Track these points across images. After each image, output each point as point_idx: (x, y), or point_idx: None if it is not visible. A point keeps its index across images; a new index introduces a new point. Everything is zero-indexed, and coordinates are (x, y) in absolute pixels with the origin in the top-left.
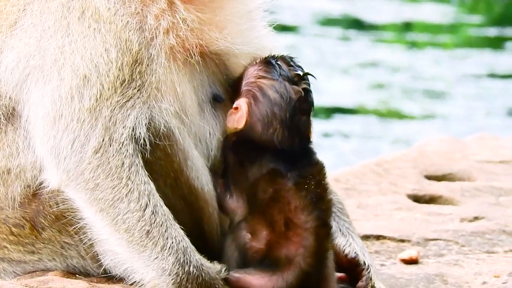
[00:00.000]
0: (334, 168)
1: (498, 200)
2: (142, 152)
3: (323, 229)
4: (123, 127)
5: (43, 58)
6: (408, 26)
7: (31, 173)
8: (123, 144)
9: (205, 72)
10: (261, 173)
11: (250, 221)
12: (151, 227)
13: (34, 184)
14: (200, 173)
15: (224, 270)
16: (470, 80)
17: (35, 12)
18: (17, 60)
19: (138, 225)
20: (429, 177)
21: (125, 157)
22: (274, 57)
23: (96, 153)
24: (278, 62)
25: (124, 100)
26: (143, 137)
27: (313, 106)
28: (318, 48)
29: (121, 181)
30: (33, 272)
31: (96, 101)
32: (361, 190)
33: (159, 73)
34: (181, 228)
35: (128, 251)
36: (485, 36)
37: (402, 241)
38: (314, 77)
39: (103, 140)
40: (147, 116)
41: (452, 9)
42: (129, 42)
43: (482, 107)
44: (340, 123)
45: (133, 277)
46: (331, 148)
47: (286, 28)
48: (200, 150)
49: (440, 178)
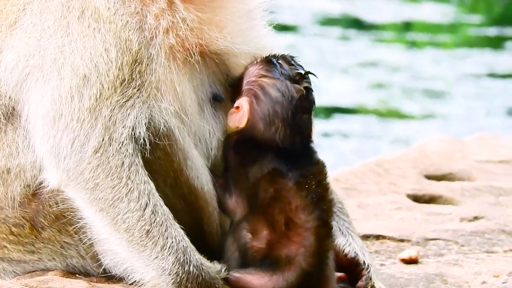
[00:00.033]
0: (334, 168)
1: (497, 200)
2: (142, 151)
3: (324, 229)
4: (123, 127)
5: (43, 57)
6: (408, 26)
7: (31, 173)
8: (123, 144)
9: (205, 71)
10: (262, 173)
11: (251, 220)
12: (151, 226)
13: (34, 183)
14: (200, 173)
15: (224, 270)
16: (470, 80)
17: (35, 12)
18: (17, 60)
19: (138, 224)
20: (429, 177)
21: (125, 157)
22: (275, 56)
23: (96, 152)
24: (279, 61)
25: (124, 100)
26: (143, 136)
27: (315, 105)
28: (318, 48)
29: (121, 180)
30: (33, 271)
31: (96, 100)
32: (361, 190)
33: (159, 72)
34: (181, 228)
35: (128, 250)
36: (485, 36)
37: (402, 240)
38: (315, 75)
39: (103, 140)
40: (147, 116)
41: (452, 9)
42: (129, 42)
43: (482, 107)
44: (340, 123)
45: (133, 277)
46: (331, 148)
47: (286, 27)
48: (200, 150)
49: (440, 178)
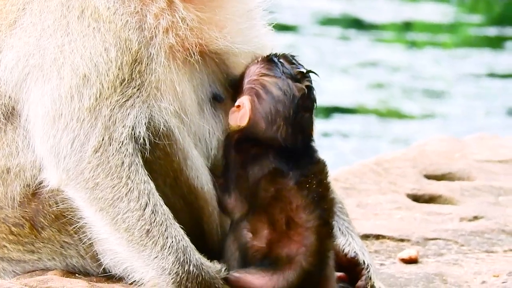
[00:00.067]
0: (334, 168)
1: (497, 199)
2: (141, 151)
3: (325, 228)
4: (123, 126)
5: (42, 57)
6: (407, 26)
7: (31, 173)
8: (122, 143)
9: (205, 71)
10: (263, 172)
11: (251, 220)
12: (151, 226)
13: (33, 183)
14: (200, 173)
15: (224, 270)
16: (469, 80)
17: (35, 11)
18: (16, 59)
19: (138, 224)
20: (429, 177)
21: (125, 156)
22: (276, 55)
23: (96, 152)
24: (281, 60)
25: (124, 99)
26: (143, 136)
27: (316, 103)
28: (318, 48)
29: (120, 180)
30: (33, 271)
31: (96, 100)
32: (360, 190)
33: (158, 72)
34: (181, 228)
35: (128, 250)
36: (485, 36)
37: (402, 240)
38: (316, 74)
39: (103, 139)
40: (147, 115)
41: (452, 9)
42: (129, 41)
43: (481, 107)
44: (339, 123)
45: (132, 276)
46: (330, 147)
47: (285, 27)
48: (199, 150)
49: (439, 178)
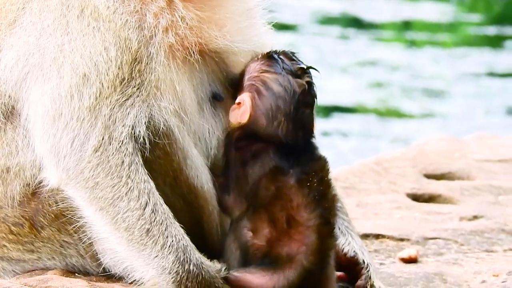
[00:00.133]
0: (333, 167)
1: (497, 199)
2: (141, 150)
3: (326, 227)
4: (123, 126)
5: (42, 56)
6: (407, 25)
7: (31, 172)
8: (122, 143)
9: (205, 70)
10: (263, 170)
11: (252, 218)
12: (151, 225)
13: (33, 182)
14: (200, 172)
15: (224, 269)
16: (469, 79)
17: (34, 11)
18: (16, 59)
19: (138, 223)
20: (428, 176)
21: (125, 156)
22: (276, 52)
23: (96, 151)
24: (281, 57)
25: (124, 99)
26: (143, 135)
27: (317, 99)
28: (317, 47)
29: (121, 179)
30: (33, 271)
31: (96, 99)
32: (360, 189)
33: (158, 71)
34: (181, 227)
35: (128, 249)
36: (484, 35)
37: (402, 240)
38: (317, 70)
39: (103, 139)
40: (147, 115)
41: (452, 8)
42: (129, 41)
43: (481, 106)
44: (339, 122)
45: (132, 276)
46: (330, 147)
47: (285, 26)
48: (199, 149)
49: (439, 177)
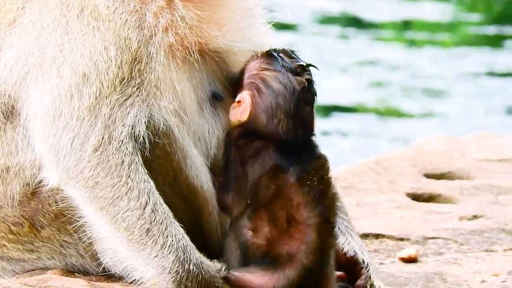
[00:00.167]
0: (333, 167)
1: (497, 198)
2: (141, 150)
3: (326, 226)
4: (123, 125)
5: (42, 56)
6: (407, 25)
7: (30, 171)
8: (122, 142)
9: (205, 70)
10: (263, 169)
11: (252, 218)
12: (151, 225)
13: (33, 182)
14: (200, 172)
15: (224, 269)
16: (469, 79)
17: (34, 10)
18: (16, 58)
19: (138, 223)
20: (428, 176)
21: (125, 155)
22: (276, 50)
23: (96, 151)
24: (280, 55)
25: (124, 98)
26: (143, 135)
27: (317, 97)
28: (317, 47)
29: (120, 179)
30: (32, 270)
31: (96, 99)
32: (360, 189)
33: (158, 71)
34: (181, 226)
35: (128, 249)
36: (484, 35)
37: (401, 239)
38: (316, 68)
39: (103, 138)
40: (147, 114)
41: (451, 8)
42: (128, 40)
43: (481, 106)
44: (339, 122)
45: (132, 275)
46: (329, 146)
47: (285, 26)
48: (199, 149)
49: (439, 177)
